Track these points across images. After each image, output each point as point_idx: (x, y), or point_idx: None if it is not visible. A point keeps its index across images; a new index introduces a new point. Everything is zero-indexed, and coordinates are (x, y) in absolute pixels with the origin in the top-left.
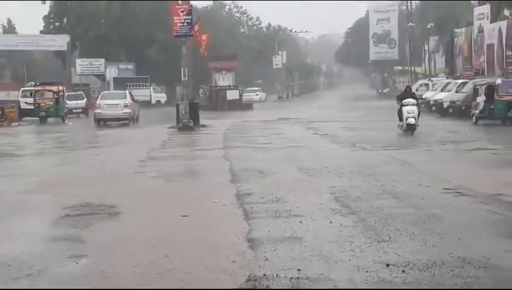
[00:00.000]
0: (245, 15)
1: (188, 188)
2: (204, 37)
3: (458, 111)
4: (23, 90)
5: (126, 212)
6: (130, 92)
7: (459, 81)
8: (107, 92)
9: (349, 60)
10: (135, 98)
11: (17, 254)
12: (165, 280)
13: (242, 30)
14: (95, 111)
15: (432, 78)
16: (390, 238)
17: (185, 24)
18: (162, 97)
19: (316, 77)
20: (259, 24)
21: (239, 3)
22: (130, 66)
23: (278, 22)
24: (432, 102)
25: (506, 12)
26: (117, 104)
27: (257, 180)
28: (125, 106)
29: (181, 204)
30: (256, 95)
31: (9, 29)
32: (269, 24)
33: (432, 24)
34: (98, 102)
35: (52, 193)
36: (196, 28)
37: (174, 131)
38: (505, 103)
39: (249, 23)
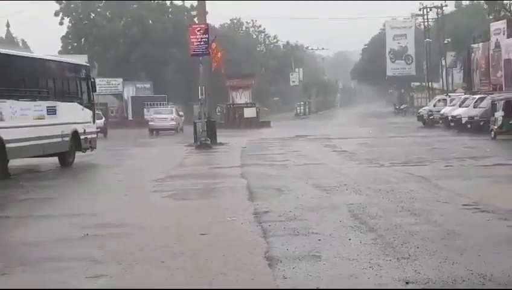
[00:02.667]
0: (263, 34)
1: (206, 207)
2: (219, 54)
3: (476, 126)
4: None
5: (144, 231)
6: (176, 108)
7: (477, 96)
8: (158, 108)
9: (366, 77)
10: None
11: (37, 274)
12: None
13: (259, 48)
14: (149, 123)
15: (449, 94)
16: (409, 255)
17: (201, 43)
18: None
19: (332, 94)
20: (277, 42)
21: (257, 22)
22: (148, 85)
23: (295, 39)
24: (450, 118)
25: None
26: (165, 118)
27: (275, 198)
28: (171, 119)
29: (199, 222)
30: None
31: (25, 48)
32: (287, 42)
33: (449, 39)
34: (151, 116)
35: (70, 213)
36: (213, 46)
37: (192, 149)
38: None
39: (267, 42)
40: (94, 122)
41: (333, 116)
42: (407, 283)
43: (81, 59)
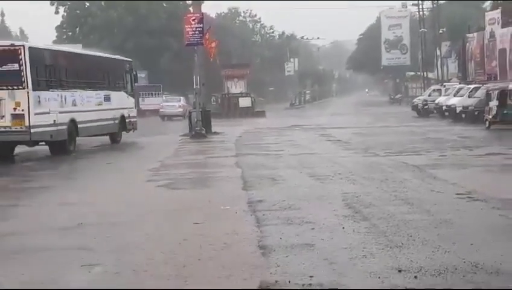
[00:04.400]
0: (258, 23)
1: (200, 196)
2: (213, 44)
3: (471, 116)
4: None
5: (138, 220)
6: (184, 98)
7: (472, 86)
8: (168, 97)
9: (361, 66)
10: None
11: (32, 262)
12: (176, 286)
13: (254, 38)
14: (160, 110)
15: (444, 84)
16: (402, 244)
17: (196, 32)
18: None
19: (328, 84)
20: (272, 32)
21: (253, 12)
22: (143, 75)
23: (290, 29)
24: (444, 107)
25: None
26: (174, 105)
27: (269, 187)
28: (179, 107)
29: (193, 211)
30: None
31: (22, 38)
32: (283, 32)
33: (444, 29)
34: (161, 104)
35: (65, 202)
36: (206, 36)
37: (187, 139)
38: None
39: (262, 32)
40: (135, 108)
41: (328, 105)
42: (399, 271)
43: (76, 48)
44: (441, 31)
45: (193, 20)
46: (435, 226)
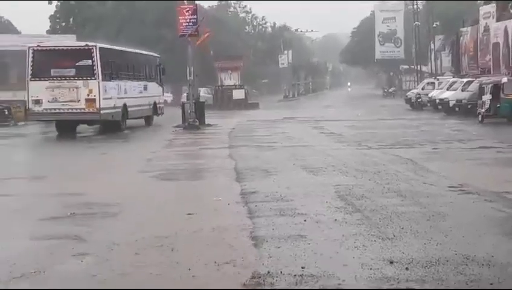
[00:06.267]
0: (250, 14)
1: (193, 187)
2: (206, 35)
3: (464, 110)
4: None
5: (130, 211)
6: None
7: (465, 80)
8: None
9: (355, 59)
10: None
11: (22, 252)
12: (168, 278)
13: (247, 29)
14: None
15: (438, 77)
16: (394, 236)
17: (190, 23)
18: (169, 97)
19: (322, 76)
20: (265, 23)
21: (243, 3)
22: None
23: (283, 21)
24: (438, 101)
25: None
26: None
27: (262, 179)
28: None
29: (186, 202)
30: None
31: (12, 30)
32: (274, 24)
33: (438, 23)
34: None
35: (57, 192)
36: (199, 28)
37: (180, 130)
38: (510, 101)
39: (254, 23)
40: (163, 95)
41: (322, 98)
42: (391, 262)
43: (70, 39)
44: (434, 25)
45: (187, 11)
46: (427, 218)
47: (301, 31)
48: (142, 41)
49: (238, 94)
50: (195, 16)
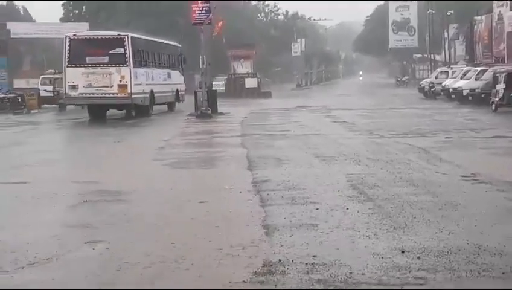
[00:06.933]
0: (262, 1)
1: (205, 175)
2: (220, 23)
3: (478, 99)
4: (42, 78)
5: (143, 199)
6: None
7: (479, 68)
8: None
9: (368, 48)
10: None
11: (35, 240)
12: (180, 266)
13: (260, 17)
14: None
15: (451, 66)
16: (406, 225)
17: (203, 11)
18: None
19: (335, 65)
20: (277, 10)
21: None
22: None
23: (297, 9)
24: (451, 90)
25: None
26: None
27: (274, 168)
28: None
29: (198, 191)
30: None
31: (26, 17)
32: (286, 11)
33: (452, 11)
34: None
35: (70, 180)
36: (212, 16)
37: (193, 119)
38: None
39: (266, 10)
40: (183, 83)
41: (335, 87)
42: (403, 251)
43: (83, 27)
44: (448, 13)
45: None
46: (439, 207)
47: (314, 20)
48: (154, 30)
49: (251, 82)
50: (208, 4)
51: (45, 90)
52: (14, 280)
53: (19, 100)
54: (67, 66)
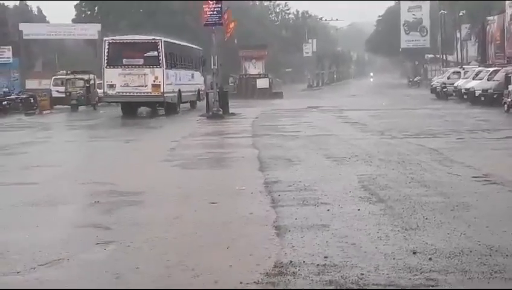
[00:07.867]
0: (272, 1)
1: (216, 176)
2: (232, 24)
3: (490, 99)
4: (54, 79)
5: (155, 200)
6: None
7: (491, 69)
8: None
9: (379, 48)
10: None
11: (46, 240)
12: (190, 267)
13: (271, 17)
14: None
15: (463, 66)
16: (418, 226)
17: (214, 12)
18: None
19: (346, 65)
20: (288, 10)
21: None
22: None
23: (308, 10)
24: (463, 90)
25: None
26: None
27: (285, 168)
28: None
29: (209, 191)
30: None
31: (40, 18)
32: (297, 11)
33: (464, 12)
34: None
35: (82, 181)
36: (225, 16)
37: (204, 119)
38: None
39: (277, 10)
40: (204, 84)
41: (346, 87)
42: (414, 253)
43: (95, 28)
44: (461, 14)
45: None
46: (450, 208)
47: (326, 20)
48: (166, 31)
49: (262, 83)
50: (219, 5)
51: (57, 91)
52: (26, 280)
53: (31, 101)
54: (106, 67)
